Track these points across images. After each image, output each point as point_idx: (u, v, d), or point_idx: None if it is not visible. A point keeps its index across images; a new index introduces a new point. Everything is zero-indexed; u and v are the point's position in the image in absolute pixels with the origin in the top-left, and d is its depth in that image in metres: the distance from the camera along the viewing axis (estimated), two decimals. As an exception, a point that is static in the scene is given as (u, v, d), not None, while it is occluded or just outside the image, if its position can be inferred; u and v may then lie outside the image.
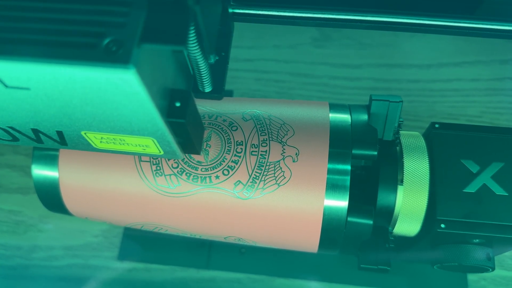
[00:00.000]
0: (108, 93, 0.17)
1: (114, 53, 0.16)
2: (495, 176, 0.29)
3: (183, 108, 0.20)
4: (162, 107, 0.20)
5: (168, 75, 0.21)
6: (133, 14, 0.16)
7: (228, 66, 0.25)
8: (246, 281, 0.41)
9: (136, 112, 0.19)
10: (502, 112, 0.47)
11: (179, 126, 0.21)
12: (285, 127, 0.29)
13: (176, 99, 0.20)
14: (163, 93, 0.20)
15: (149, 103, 0.18)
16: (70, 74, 0.16)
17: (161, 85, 0.19)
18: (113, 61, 0.16)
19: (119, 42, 0.16)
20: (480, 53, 0.50)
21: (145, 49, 0.16)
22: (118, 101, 0.18)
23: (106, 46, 0.16)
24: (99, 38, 0.16)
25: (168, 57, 0.20)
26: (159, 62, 0.19)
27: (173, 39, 0.17)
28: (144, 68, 0.16)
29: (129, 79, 0.16)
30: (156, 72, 0.18)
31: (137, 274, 0.42)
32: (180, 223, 0.31)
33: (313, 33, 0.53)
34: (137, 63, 0.16)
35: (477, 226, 0.29)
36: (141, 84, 0.16)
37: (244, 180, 0.28)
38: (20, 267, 0.43)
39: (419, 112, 0.48)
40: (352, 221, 0.29)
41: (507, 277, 0.41)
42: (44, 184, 0.31)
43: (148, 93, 0.17)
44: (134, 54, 0.16)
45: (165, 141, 0.22)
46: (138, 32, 0.16)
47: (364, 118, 0.30)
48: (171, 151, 0.23)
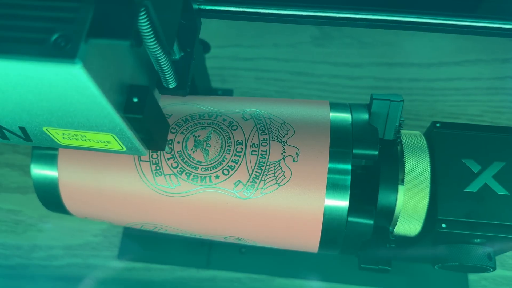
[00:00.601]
0: (60, 88, 0.18)
1: (61, 48, 0.16)
2: (496, 176, 0.29)
3: (141, 103, 0.20)
4: (119, 103, 0.20)
5: (126, 71, 0.21)
6: (81, 9, 0.17)
7: (193, 62, 0.25)
8: (246, 280, 0.41)
9: (90, 108, 0.19)
10: (503, 111, 0.47)
11: (138, 121, 0.21)
12: (286, 126, 0.29)
13: (134, 94, 0.21)
14: (119, 89, 0.20)
15: (100, 98, 0.18)
16: (20, 69, 0.17)
17: (116, 80, 0.19)
18: (60, 56, 0.16)
19: (67, 37, 0.16)
20: (481, 52, 0.50)
21: (93, 44, 0.17)
22: (71, 97, 0.18)
23: (54, 42, 0.16)
24: (48, 34, 0.16)
25: (126, 53, 0.21)
26: (114, 58, 0.19)
27: (120, 33, 0.17)
28: (92, 63, 0.17)
29: (76, 73, 0.16)
30: (109, 67, 0.18)
31: (136, 274, 0.42)
32: (180, 223, 0.31)
33: (313, 32, 0.53)
34: (84, 58, 0.16)
35: (478, 225, 0.29)
36: (89, 78, 0.17)
37: (244, 180, 0.28)
38: (19, 266, 0.42)
39: (420, 111, 0.48)
40: (352, 221, 0.29)
41: (508, 277, 0.40)
42: (43, 183, 0.31)
43: (99, 87, 0.17)
44: (81, 49, 0.16)
45: (125, 137, 0.22)
46: (85, 27, 0.16)
47: (365, 117, 0.30)
48: (133, 147, 0.23)
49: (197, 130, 0.29)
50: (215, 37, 0.49)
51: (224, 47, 0.52)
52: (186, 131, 0.29)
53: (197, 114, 0.30)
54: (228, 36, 0.53)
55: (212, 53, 0.41)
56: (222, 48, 0.52)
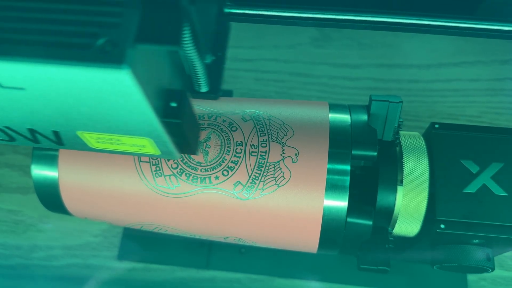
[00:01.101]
0: (103, 93, 0.17)
1: (108, 53, 0.16)
2: (494, 177, 0.29)
3: (179, 108, 0.20)
4: (158, 107, 0.20)
5: (164, 75, 0.21)
6: (127, 14, 0.16)
7: (224, 66, 0.25)
8: (246, 281, 0.41)
9: (131, 112, 0.19)
10: (501, 113, 0.47)
11: (175, 126, 0.21)
12: (285, 127, 0.29)
13: (172, 99, 0.20)
14: (159, 93, 0.20)
15: (144, 103, 0.18)
16: (65, 74, 0.16)
17: (156, 85, 0.19)
18: (107, 61, 0.16)
19: (113, 42, 0.16)
20: (480, 54, 0.50)
21: (139, 49, 0.16)
22: (113, 101, 0.18)
23: (100, 47, 0.16)
24: (93, 39, 0.16)
25: (164, 57, 0.21)
26: (155, 62, 0.19)
27: (167, 39, 0.17)
28: (138, 68, 0.17)
29: (123, 79, 0.16)
30: (151, 72, 0.18)
31: (136, 274, 0.42)
32: (180, 224, 0.31)
33: (313, 33, 0.53)
34: (131, 63, 0.16)
35: (476, 226, 0.29)
36: (136, 84, 0.17)
37: (243, 181, 0.28)
38: (19, 266, 0.42)
39: (418, 112, 0.48)
40: (351, 222, 0.29)
41: (507, 278, 0.41)
42: (43, 184, 0.31)
43: (143, 93, 0.17)
44: (128, 54, 0.16)
45: (162, 141, 0.22)
46: (132, 32, 0.16)
47: (364, 118, 0.30)
48: (167, 151, 0.23)
49: (197, 131, 0.29)
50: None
51: (224, 48, 0.52)
52: (186, 132, 0.29)
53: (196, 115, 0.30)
54: (228, 37, 0.53)
55: (212, 54, 0.41)
56: (222, 49, 0.52)
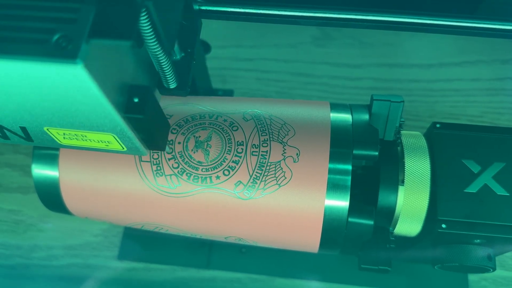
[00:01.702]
0: (61, 88, 0.18)
1: (63, 49, 0.16)
2: (496, 176, 0.29)
3: (141, 103, 0.21)
4: (120, 103, 0.20)
5: (127, 71, 0.21)
6: (83, 10, 0.17)
7: (194, 63, 0.25)
8: (247, 280, 0.41)
9: (91, 108, 0.19)
10: (503, 112, 0.47)
11: (138, 122, 0.21)
12: (286, 127, 0.29)
13: (135, 94, 0.21)
14: (121, 89, 0.20)
15: (102, 98, 0.18)
16: (22, 69, 0.17)
17: (117, 81, 0.19)
18: (62, 56, 0.16)
19: (68, 38, 0.16)
20: (481, 53, 0.50)
21: (94, 44, 0.17)
22: (72, 97, 0.18)
23: (56, 42, 0.16)
24: (49, 34, 0.16)
25: (126, 53, 0.21)
26: (115, 58, 0.19)
27: (121, 34, 0.17)
28: (94, 63, 0.17)
29: (78, 74, 0.17)
30: (110, 67, 0.19)
31: (137, 274, 0.42)
32: (181, 223, 0.31)
33: (314, 32, 0.53)
34: (85, 58, 0.16)
35: (478, 226, 0.29)
36: (91, 79, 0.17)
37: (244, 181, 0.28)
38: (20, 266, 0.42)
39: (420, 112, 0.48)
40: (353, 222, 0.29)
41: (508, 278, 0.40)
42: (44, 183, 0.31)
43: (100, 88, 0.18)
44: (82, 49, 0.16)
45: (126, 137, 0.22)
46: (87, 27, 0.16)
47: (365, 118, 0.30)
48: (133, 147, 0.23)
49: (198, 131, 0.29)
50: (215, 38, 0.49)
51: (225, 48, 0.52)
52: (187, 132, 0.29)
53: (197, 114, 0.30)
54: (229, 36, 0.53)
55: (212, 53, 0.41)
56: (223, 48, 0.52)
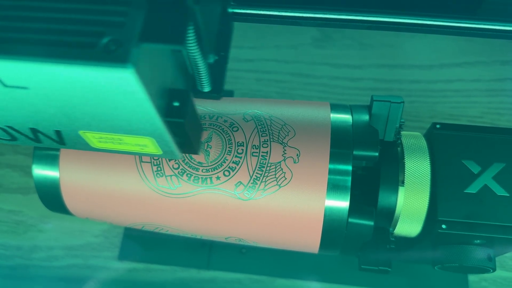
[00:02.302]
0: (107, 92, 0.17)
1: (113, 53, 0.16)
2: (496, 177, 0.29)
3: (182, 108, 0.20)
4: (161, 107, 0.20)
5: (167, 75, 0.21)
6: (132, 13, 0.17)
7: (227, 66, 0.25)
8: (247, 281, 0.41)
9: (134, 112, 0.19)
10: (503, 113, 0.47)
11: (178, 126, 0.21)
12: (286, 127, 0.29)
13: (175, 98, 0.20)
14: (162, 93, 0.20)
15: (147, 103, 0.18)
16: (69, 73, 0.16)
17: (160, 85, 0.19)
18: (112, 61, 0.16)
19: (118, 42, 0.16)
20: (481, 54, 0.50)
21: (144, 49, 0.16)
22: (117, 101, 0.18)
23: (105, 46, 0.16)
24: (98, 38, 0.16)
25: (167, 57, 0.21)
26: (158, 62, 0.19)
27: (172, 38, 0.17)
28: (143, 67, 0.16)
29: (127, 78, 0.16)
30: (155, 71, 0.18)
31: (137, 275, 0.42)
32: (181, 224, 0.31)
33: (314, 33, 0.53)
34: (135, 62, 0.16)
35: (478, 226, 0.29)
36: (140, 83, 0.17)
37: (245, 181, 0.28)
38: (20, 267, 0.42)
39: (420, 112, 0.48)
40: (353, 222, 0.29)
41: (508, 278, 0.40)
42: (44, 184, 0.31)
43: (147, 92, 0.17)
44: (132, 53, 0.16)
45: (164, 141, 0.22)
46: (137, 31, 0.16)
47: (365, 118, 0.30)
48: (169, 151, 0.23)
49: (198, 131, 0.29)
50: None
51: (225, 48, 0.52)
52: (187, 132, 0.29)
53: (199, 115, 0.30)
54: (229, 37, 0.53)
55: (213, 54, 0.41)
56: (223, 49, 0.52)
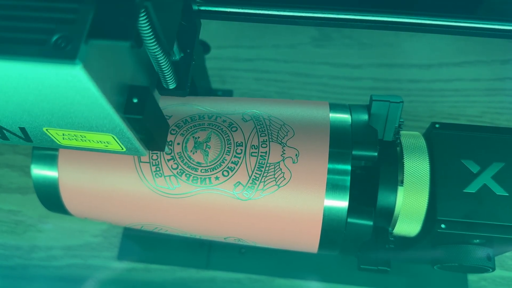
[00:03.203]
0: (60, 89, 0.18)
1: (62, 49, 0.16)
2: (495, 176, 0.29)
3: (140, 104, 0.21)
4: (119, 103, 0.20)
5: (126, 71, 0.21)
6: (82, 10, 0.17)
7: (193, 63, 0.25)
8: (246, 281, 0.41)
9: (90, 108, 0.19)
10: (502, 112, 0.47)
11: (137, 122, 0.21)
12: (285, 127, 0.29)
13: (134, 95, 0.21)
14: (120, 89, 0.20)
15: (101, 99, 0.18)
16: (21, 70, 0.17)
17: (116, 81, 0.19)
18: (61, 57, 0.16)
19: (67, 38, 0.16)
20: (480, 53, 0.50)
21: (93, 45, 0.17)
22: (71, 97, 0.18)
23: (55, 43, 0.16)
24: (48, 35, 0.16)
25: (126, 53, 0.21)
26: (114, 58, 0.19)
27: (120, 34, 0.17)
28: (93, 63, 0.17)
29: (77, 74, 0.16)
30: (109, 68, 0.19)
31: (136, 274, 0.42)
32: (180, 224, 0.31)
33: (313, 32, 0.53)
34: (84, 58, 0.16)
35: (477, 226, 0.29)
36: (90, 79, 0.17)
37: (244, 181, 0.28)
38: (19, 267, 0.42)
39: (419, 112, 0.48)
40: (352, 222, 0.29)
41: (507, 278, 0.40)
42: (43, 184, 0.31)
43: (99, 88, 0.18)
44: (81, 50, 0.16)
45: (125, 138, 0.22)
46: (85, 28, 0.16)
47: (365, 118, 0.30)
48: (133, 147, 0.23)
49: (197, 132, 0.29)
50: (215, 38, 0.49)
51: (224, 48, 0.52)
52: (186, 132, 0.29)
53: (196, 115, 0.30)
54: (228, 37, 0.53)
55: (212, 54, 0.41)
56: (222, 49, 0.52)
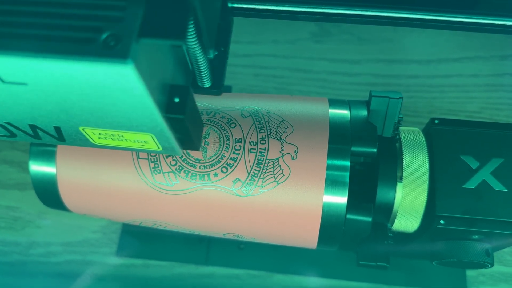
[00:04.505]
0: (107, 88, 0.17)
1: (112, 48, 0.16)
2: (494, 172, 0.29)
3: (182, 103, 0.20)
4: (161, 103, 0.19)
5: (167, 70, 0.20)
6: (131, 8, 0.16)
7: (227, 61, 0.25)
8: (245, 277, 0.41)
9: (134, 108, 0.19)
10: (501, 108, 0.47)
11: (178, 122, 0.20)
12: (284, 124, 0.29)
13: (175, 94, 0.20)
14: (162, 89, 0.20)
15: (147, 99, 0.18)
16: (68, 69, 0.16)
17: (160, 81, 0.19)
18: (111, 56, 0.15)
19: (117, 37, 0.16)
20: (479, 49, 0.50)
21: (143, 44, 0.16)
22: (116, 97, 0.18)
23: (104, 41, 0.16)
24: (97, 33, 0.16)
25: (167, 52, 0.20)
26: (158, 57, 0.19)
27: (172, 33, 0.17)
28: (142, 63, 0.16)
29: (127, 74, 0.16)
30: (155, 67, 0.18)
31: (135, 270, 0.42)
32: (179, 220, 0.31)
33: (312, 28, 0.53)
34: (135, 58, 0.16)
35: (476, 222, 0.29)
36: (140, 79, 0.16)
37: (242, 178, 0.28)
38: (18, 263, 0.42)
39: (418, 108, 0.48)
40: (351, 218, 0.29)
41: (506, 273, 0.41)
42: (41, 180, 0.31)
43: (147, 88, 0.17)
44: (132, 49, 0.16)
45: (164, 137, 0.21)
46: (136, 26, 0.16)
47: (364, 114, 0.30)
48: (169, 147, 0.23)
49: (196, 127, 0.29)
50: (213, 33, 0.48)
51: (223, 44, 0.52)
52: (184, 128, 0.29)
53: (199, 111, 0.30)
54: (227, 32, 0.52)
55: (210, 49, 0.41)
56: (221, 44, 0.51)
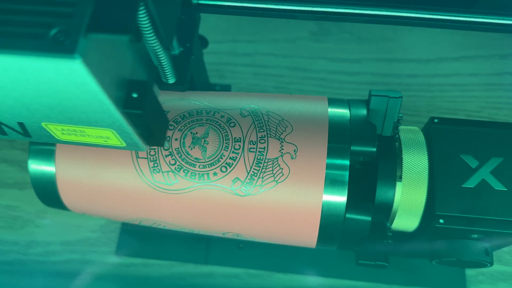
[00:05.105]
0: (59, 83, 0.18)
1: (61, 43, 0.16)
2: (494, 171, 0.29)
3: (140, 99, 0.20)
4: (118, 98, 0.20)
5: (125, 66, 0.21)
6: (81, 4, 0.17)
7: (193, 58, 0.25)
8: (244, 276, 0.41)
9: (90, 103, 0.19)
10: (501, 107, 0.47)
11: (137, 117, 0.21)
12: (284, 123, 0.29)
13: (134, 90, 0.21)
14: (119, 84, 0.20)
15: (100, 94, 0.18)
16: (19, 64, 0.17)
17: (115, 76, 0.19)
18: (59, 51, 0.16)
19: (66, 32, 0.16)
20: (479, 48, 0.50)
21: (93, 39, 0.17)
22: (70, 92, 0.18)
23: (53, 36, 0.16)
24: (46, 29, 0.16)
25: (126, 48, 0.21)
26: (113, 53, 0.19)
27: (119, 28, 0.17)
28: (92, 58, 0.17)
29: (76, 69, 0.16)
30: (108, 62, 0.18)
31: (134, 269, 0.42)
32: (178, 220, 0.31)
33: (312, 27, 0.53)
34: (83, 53, 0.16)
35: (475, 221, 0.29)
36: (89, 74, 0.17)
37: (242, 177, 0.28)
38: (17, 262, 0.42)
39: (418, 107, 0.48)
40: (350, 217, 0.29)
41: (505, 272, 0.41)
42: (41, 179, 0.31)
43: (98, 83, 0.17)
44: (80, 44, 0.16)
45: (125, 133, 0.22)
46: (85, 22, 0.16)
47: (363, 113, 0.30)
48: (132, 143, 0.23)
49: (195, 127, 0.29)
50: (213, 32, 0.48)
51: (222, 43, 0.52)
52: (184, 128, 0.29)
53: (194, 110, 0.30)
54: (226, 31, 0.52)
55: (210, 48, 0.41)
56: (220, 43, 0.51)
